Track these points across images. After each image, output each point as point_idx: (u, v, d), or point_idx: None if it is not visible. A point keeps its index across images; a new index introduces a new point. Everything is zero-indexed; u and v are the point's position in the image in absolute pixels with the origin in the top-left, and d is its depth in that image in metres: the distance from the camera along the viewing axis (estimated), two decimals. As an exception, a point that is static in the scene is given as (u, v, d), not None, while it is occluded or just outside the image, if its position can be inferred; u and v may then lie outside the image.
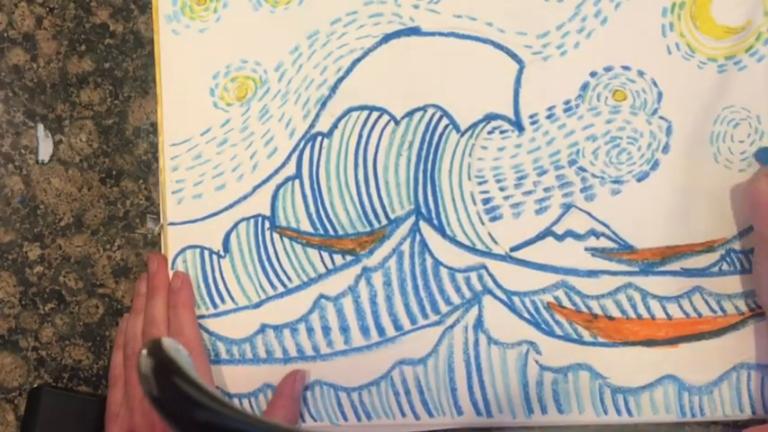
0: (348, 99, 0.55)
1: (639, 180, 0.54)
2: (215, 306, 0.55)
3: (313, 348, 0.55)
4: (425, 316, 0.55)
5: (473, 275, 0.54)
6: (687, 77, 0.54)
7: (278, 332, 0.55)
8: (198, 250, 0.55)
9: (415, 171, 0.55)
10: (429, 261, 0.55)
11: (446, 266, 0.54)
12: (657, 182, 0.54)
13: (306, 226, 0.55)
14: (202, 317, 0.55)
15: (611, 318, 0.54)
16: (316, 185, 0.55)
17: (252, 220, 0.55)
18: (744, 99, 0.54)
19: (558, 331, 0.54)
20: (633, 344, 0.54)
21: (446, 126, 0.55)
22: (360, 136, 0.55)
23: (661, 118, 0.54)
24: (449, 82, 0.55)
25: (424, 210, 0.55)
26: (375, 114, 0.55)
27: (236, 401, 0.55)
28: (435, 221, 0.55)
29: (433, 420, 0.54)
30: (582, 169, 0.54)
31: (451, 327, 0.54)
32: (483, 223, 0.55)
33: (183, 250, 0.55)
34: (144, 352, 0.36)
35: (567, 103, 0.55)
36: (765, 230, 0.49)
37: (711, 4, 0.54)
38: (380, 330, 0.55)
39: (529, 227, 0.54)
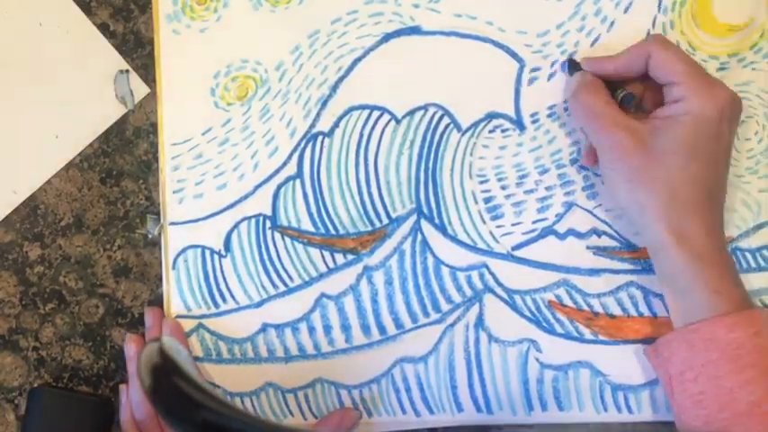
0: (349, 98, 0.55)
1: (640, 178, 0.54)
2: (216, 306, 0.55)
3: (314, 347, 0.55)
4: (426, 314, 0.54)
5: (474, 274, 0.54)
6: (688, 76, 0.54)
7: (279, 331, 0.55)
8: (199, 250, 0.55)
9: (416, 170, 0.55)
10: (430, 260, 0.55)
11: (447, 265, 0.54)
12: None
13: (307, 225, 0.55)
14: (204, 316, 0.55)
15: (612, 316, 0.54)
16: (317, 185, 0.55)
17: (253, 220, 0.55)
18: (749, 96, 0.54)
19: (559, 329, 0.54)
20: (634, 342, 0.54)
21: (447, 125, 0.55)
22: (361, 135, 0.55)
23: (662, 116, 0.54)
24: (450, 81, 0.55)
25: (425, 209, 0.55)
26: (376, 113, 0.55)
27: (237, 401, 0.55)
28: (436, 220, 0.55)
29: (433, 417, 0.54)
30: (583, 167, 0.54)
31: (452, 325, 0.54)
32: (484, 222, 0.55)
33: (184, 250, 0.55)
34: (144, 352, 0.36)
35: (568, 101, 0.55)
36: (604, 136, 0.49)
37: (712, 2, 0.54)
38: (381, 329, 0.55)
39: (530, 225, 0.54)
